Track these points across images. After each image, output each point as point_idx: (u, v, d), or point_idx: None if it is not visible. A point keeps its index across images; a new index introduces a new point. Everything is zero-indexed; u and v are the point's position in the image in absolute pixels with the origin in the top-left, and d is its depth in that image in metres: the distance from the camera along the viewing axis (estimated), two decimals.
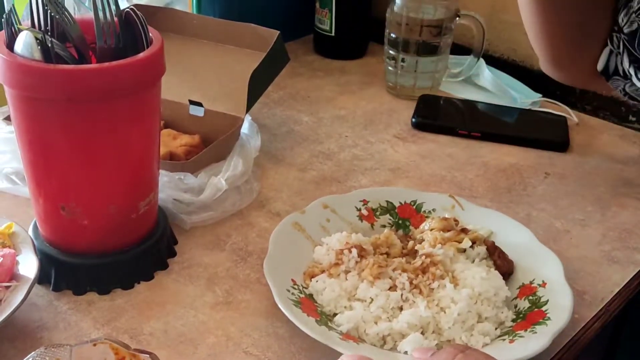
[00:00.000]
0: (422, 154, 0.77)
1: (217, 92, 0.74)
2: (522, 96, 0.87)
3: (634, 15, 0.59)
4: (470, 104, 0.87)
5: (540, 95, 0.88)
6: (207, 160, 0.66)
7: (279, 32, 0.75)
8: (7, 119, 0.66)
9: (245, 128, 0.72)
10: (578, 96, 0.89)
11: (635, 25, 0.59)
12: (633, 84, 0.60)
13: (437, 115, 0.84)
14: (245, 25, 0.77)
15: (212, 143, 0.69)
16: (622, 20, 0.59)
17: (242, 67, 0.72)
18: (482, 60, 0.89)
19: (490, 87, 0.88)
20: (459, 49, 0.92)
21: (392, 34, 0.86)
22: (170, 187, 0.62)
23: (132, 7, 0.51)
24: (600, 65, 0.62)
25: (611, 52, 0.61)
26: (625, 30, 0.59)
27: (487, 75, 0.89)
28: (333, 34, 0.97)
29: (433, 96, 0.87)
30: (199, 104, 0.73)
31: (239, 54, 0.77)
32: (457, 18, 0.85)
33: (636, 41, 0.59)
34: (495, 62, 0.93)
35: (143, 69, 0.50)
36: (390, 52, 0.87)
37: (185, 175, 0.62)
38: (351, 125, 0.83)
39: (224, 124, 0.71)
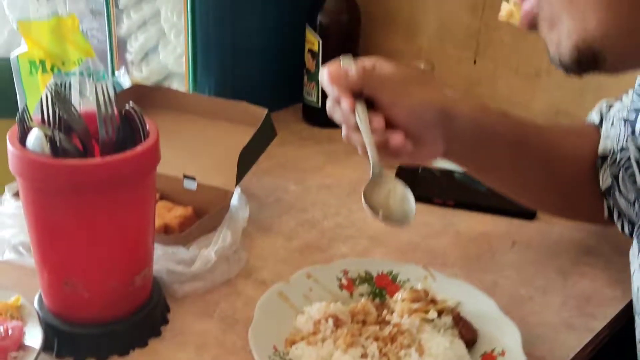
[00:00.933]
0: None
1: (210, 166, 0.80)
2: None
3: (608, 170, 0.67)
4: (447, 174, 0.93)
5: None
6: (199, 233, 0.72)
7: (267, 110, 0.81)
8: (16, 194, 0.72)
9: (234, 200, 0.78)
10: None
11: (609, 181, 0.67)
12: None
13: (414, 185, 0.89)
14: (236, 102, 0.84)
15: (204, 214, 0.75)
16: (601, 179, 0.68)
17: (234, 142, 0.79)
18: None
19: None
20: None
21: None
22: (164, 259, 0.67)
23: (131, 105, 0.57)
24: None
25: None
26: (603, 188, 0.68)
27: None
28: (319, 106, 1.04)
29: (411, 166, 0.93)
30: (193, 178, 0.79)
31: (231, 129, 0.84)
32: None
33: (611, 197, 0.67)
34: None
35: (141, 160, 0.56)
36: None
37: (178, 248, 0.68)
38: (336, 193, 0.89)
39: (215, 197, 0.77)
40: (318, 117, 1.06)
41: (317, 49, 1.01)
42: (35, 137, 0.54)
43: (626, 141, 0.66)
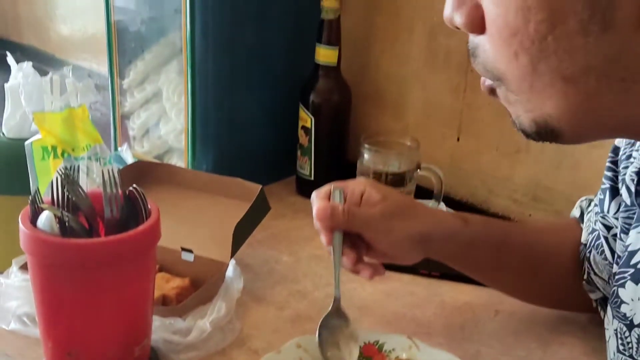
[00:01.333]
0: (387, 292, 0.87)
1: (207, 238, 0.85)
2: None
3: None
4: None
5: None
6: (195, 304, 0.76)
7: (261, 186, 0.87)
8: (22, 267, 0.76)
9: (229, 271, 0.82)
10: None
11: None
12: None
13: None
14: (232, 179, 0.89)
15: (200, 284, 0.79)
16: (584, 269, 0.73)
17: (229, 216, 0.84)
18: (442, 204, 1.00)
19: None
20: (424, 192, 1.03)
21: None
22: (161, 329, 0.71)
23: (134, 186, 0.62)
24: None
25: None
26: (585, 277, 0.72)
27: None
28: (312, 179, 1.09)
29: None
30: (190, 251, 0.83)
31: (227, 204, 0.89)
32: (419, 170, 0.97)
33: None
34: (457, 204, 1.05)
35: (143, 238, 0.61)
36: None
37: (175, 319, 0.72)
38: (326, 264, 0.93)
39: (211, 268, 0.81)
40: (310, 190, 1.09)
41: (309, 125, 1.07)
42: (45, 218, 0.59)
43: (595, 223, 0.71)
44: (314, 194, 0.74)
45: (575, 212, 0.78)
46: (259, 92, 1.07)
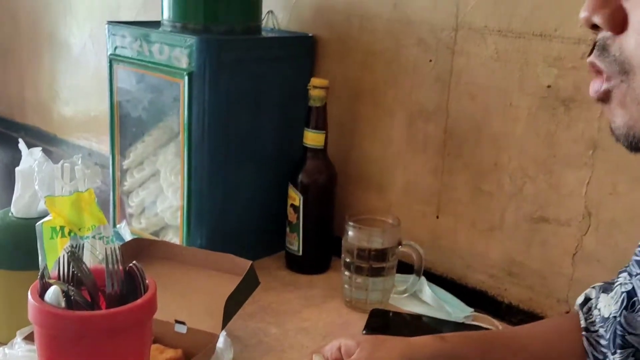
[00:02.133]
0: None
1: (199, 311, 0.90)
2: (457, 310, 1.03)
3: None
4: (415, 317, 1.02)
5: (472, 310, 1.04)
6: None
7: (251, 262, 0.92)
8: (26, 338, 0.81)
9: (220, 343, 0.87)
10: (505, 310, 1.05)
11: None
12: None
13: (386, 328, 1.00)
14: (224, 255, 0.95)
15: (192, 355, 0.84)
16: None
17: (221, 290, 0.89)
18: (423, 278, 1.06)
19: (431, 302, 1.05)
20: (406, 267, 1.09)
21: (346, 259, 1.04)
22: None
23: (134, 263, 0.68)
24: None
25: None
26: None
27: (427, 291, 1.05)
28: (300, 254, 1.15)
29: (383, 310, 1.03)
30: (183, 323, 0.88)
31: (219, 278, 0.94)
32: (400, 246, 1.03)
33: None
34: (436, 279, 1.11)
35: (141, 311, 0.66)
36: (346, 273, 1.05)
37: None
38: (312, 336, 0.98)
39: (202, 340, 0.86)
40: (299, 265, 1.17)
41: (298, 204, 1.14)
42: (52, 292, 0.64)
43: (624, 286, 0.71)
44: None
45: (579, 299, 0.79)
46: (251, 173, 1.15)
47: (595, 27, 0.50)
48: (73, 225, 0.71)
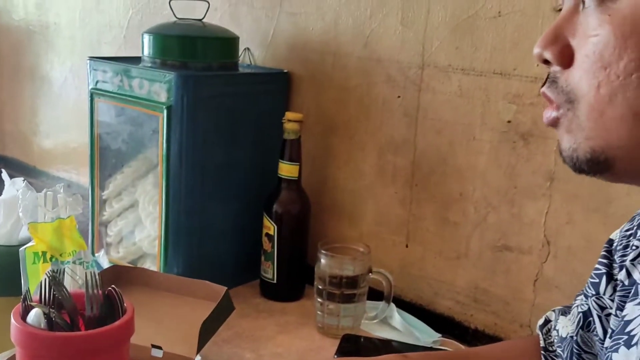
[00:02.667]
0: None
1: (175, 336, 0.93)
2: (426, 335, 1.07)
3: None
4: (385, 342, 1.06)
5: (440, 335, 1.08)
6: None
7: (226, 288, 0.96)
8: None
9: None
10: (472, 335, 1.09)
11: None
12: None
13: (357, 353, 1.03)
14: (199, 281, 0.99)
15: None
16: None
17: (197, 315, 0.92)
18: (393, 305, 1.10)
19: (400, 327, 1.08)
20: (376, 294, 1.13)
21: (319, 286, 1.08)
22: None
23: (113, 287, 0.72)
24: None
25: None
26: None
27: (397, 317, 1.09)
28: (275, 282, 1.19)
29: (354, 335, 1.07)
30: (159, 347, 0.91)
31: (195, 304, 0.98)
32: (370, 274, 1.07)
33: None
34: (406, 305, 1.15)
35: (119, 333, 0.69)
36: (318, 299, 1.08)
37: None
38: None
39: None
40: (273, 292, 1.20)
41: (273, 233, 1.18)
42: (34, 314, 0.68)
43: (580, 307, 0.74)
44: None
45: (540, 321, 0.82)
46: (227, 202, 1.19)
47: (546, 62, 0.55)
48: (54, 250, 0.74)
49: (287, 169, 1.17)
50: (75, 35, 1.75)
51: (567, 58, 0.53)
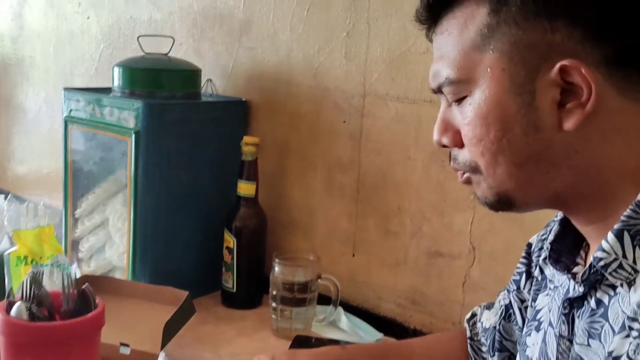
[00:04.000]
0: None
1: (141, 335, 1.03)
2: (369, 335, 1.19)
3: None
4: (333, 342, 1.17)
5: (382, 334, 1.20)
6: None
7: (188, 292, 1.07)
8: None
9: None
10: (412, 334, 1.21)
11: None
12: None
13: None
14: (164, 287, 1.10)
15: None
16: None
17: (161, 317, 1.03)
18: (340, 308, 1.22)
19: (346, 328, 1.20)
20: (325, 299, 1.24)
21: (273, 292, 1.20)
22: None
23: (87, 286, 0.83)
24: None
25: None
26: None
27: (344, 320, 1.21)
28: (235, 291, 1.30)
29: (305, 336, 1.18)
30: (127, 345, 1.02)
31: (159, 308, 1.08)
32: (320, 279, 1.19)
33: None
34: (353, 309, 1.26)
35: (91, 324, 0.80)
36: (273, 304, 1.20)
37: None
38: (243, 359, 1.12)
39: (144, 359, 1.00)
40: (233, 300, 1.31)
41: (232, 246, 1.29)
42: (17, 308, 0.78)
43: (504, 300, 0.87)
44: None
45: (467, 315, 0.95)
46: (190, 219, 1.30)
47: (445, 145, 0.69)
48: (35, 254, 0.85)
49: (245, 188, 1.29)
50: (49, 67, 1.87)
51: (459, 141, 0.67)
